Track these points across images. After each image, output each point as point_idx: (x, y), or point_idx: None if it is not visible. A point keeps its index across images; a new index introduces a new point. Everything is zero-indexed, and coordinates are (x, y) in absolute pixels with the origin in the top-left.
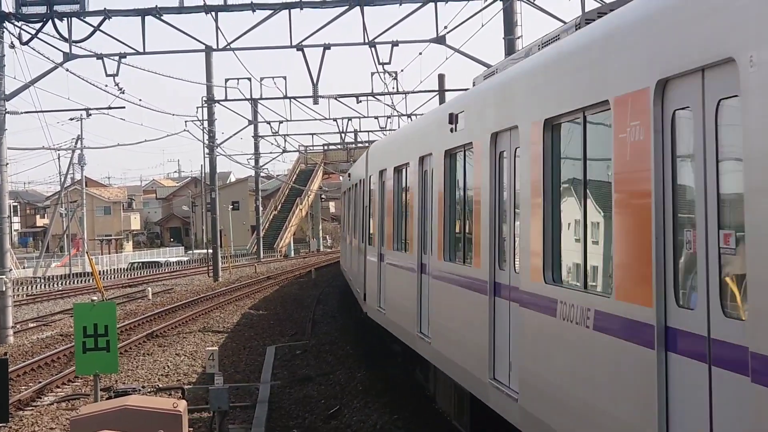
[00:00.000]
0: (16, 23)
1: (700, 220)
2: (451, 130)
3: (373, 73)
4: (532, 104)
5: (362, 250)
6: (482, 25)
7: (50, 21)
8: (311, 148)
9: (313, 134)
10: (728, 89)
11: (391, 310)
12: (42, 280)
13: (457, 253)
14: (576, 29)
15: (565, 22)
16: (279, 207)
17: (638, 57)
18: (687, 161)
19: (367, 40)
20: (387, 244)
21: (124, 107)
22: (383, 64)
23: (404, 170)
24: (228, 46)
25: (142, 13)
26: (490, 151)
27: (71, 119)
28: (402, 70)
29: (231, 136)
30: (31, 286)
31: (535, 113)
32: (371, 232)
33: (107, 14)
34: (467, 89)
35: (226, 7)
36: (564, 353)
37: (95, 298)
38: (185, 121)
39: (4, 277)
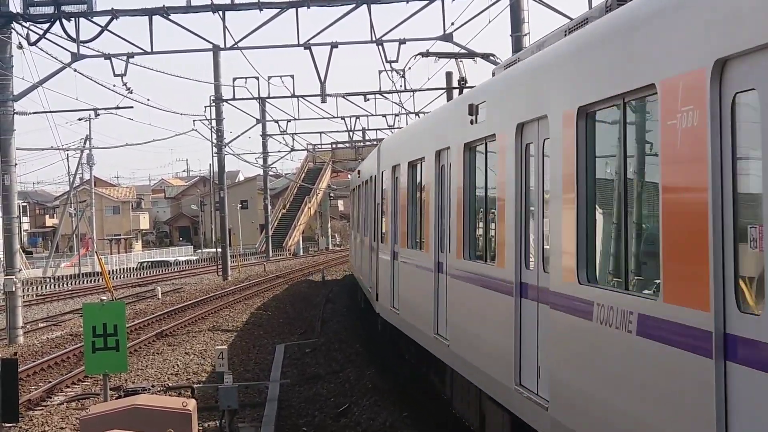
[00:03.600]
0: (23, 24)
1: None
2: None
3: (380, 71)
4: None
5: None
6: (489, 22)
7: (58, 21)
8: (319, 146)
9: (321, 133)
10: None
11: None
12: (51, 280)
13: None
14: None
15: (572, 19)
16: (287, 205)
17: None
18: (748, 152)
19: (374, 38)
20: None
21: (132, 107)
22: (391, 62)
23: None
24: (235, 45)
25: (150, 12)
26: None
27: (79, 119)
28: (410, 68)
29: (239, 135)
30: (41, 286)
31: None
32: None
33: (115, 14)
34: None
35: (233, 6)
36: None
37: (104, 297)
38: (193, 121)
39: (13, 277)
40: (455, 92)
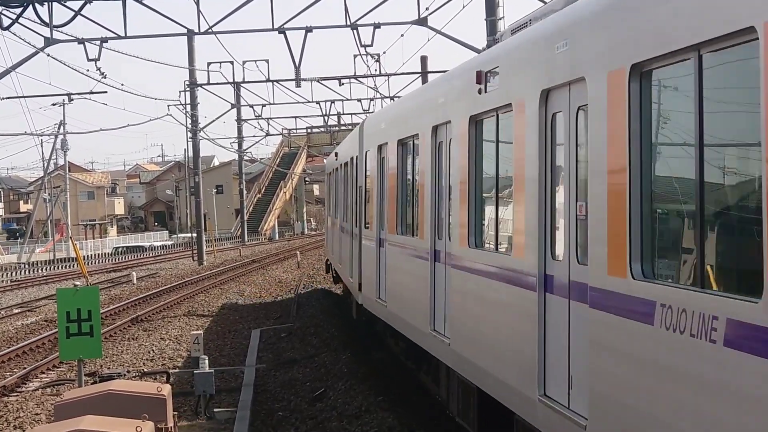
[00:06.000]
0: None
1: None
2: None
3: (355, 56)
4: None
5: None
6: (463, 7)
7: (31, 5)
8: (294, 131)
9: (296, 117)
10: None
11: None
12: (26, 266)
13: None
14: None
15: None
16: (263, 190)
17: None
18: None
19: (349, 23)
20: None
21: (106, 92)
22: (365, 46)
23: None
24: (210, 30)
25: None
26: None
27: (53, 104)
28: (384, 53)
29: (214, 120)
30: (16, 272)
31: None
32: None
33: None
34: (448, 70)
35: None
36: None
37: (79, 283)
38: (168, 106)
39: None
40: (430, 76)
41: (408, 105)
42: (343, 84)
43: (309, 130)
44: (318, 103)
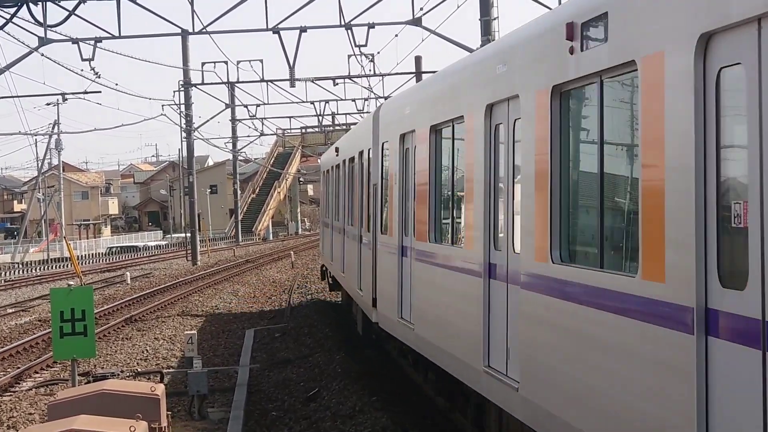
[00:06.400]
0: None
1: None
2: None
3: (349, 56)
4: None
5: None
6: (458, 7)
7: (25, 5)
8: (289, 131)
9: (290, 117)
10: None
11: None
12: (20, 266)
13: None
14: None
15: (543, 3)
16: (257, 190)
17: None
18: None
19: (343, 23)
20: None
21: (100, 92)
22: (360, 46)
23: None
24: (204, 30)
25: None
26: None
27: (47, 104)
28: (378, 53)
29: (208, 120)
30: (9, 272)
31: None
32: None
33: None
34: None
35: None
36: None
37: (72, 282)
38: (162, 105)
39: None
40: (424, 76)
41: (445, 82)
42: (337, 84)
43: (303, 130)
44: (312, 103)
